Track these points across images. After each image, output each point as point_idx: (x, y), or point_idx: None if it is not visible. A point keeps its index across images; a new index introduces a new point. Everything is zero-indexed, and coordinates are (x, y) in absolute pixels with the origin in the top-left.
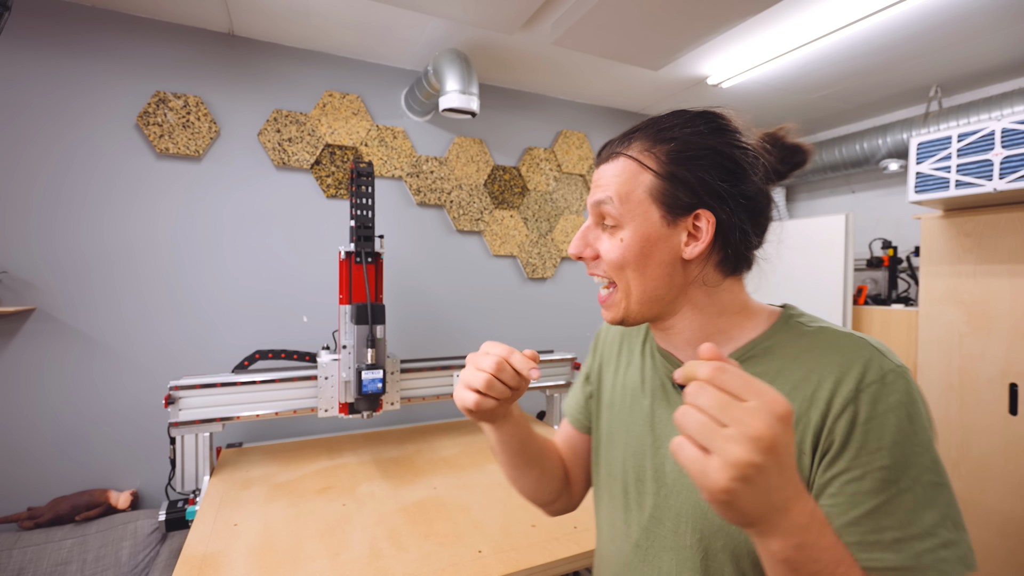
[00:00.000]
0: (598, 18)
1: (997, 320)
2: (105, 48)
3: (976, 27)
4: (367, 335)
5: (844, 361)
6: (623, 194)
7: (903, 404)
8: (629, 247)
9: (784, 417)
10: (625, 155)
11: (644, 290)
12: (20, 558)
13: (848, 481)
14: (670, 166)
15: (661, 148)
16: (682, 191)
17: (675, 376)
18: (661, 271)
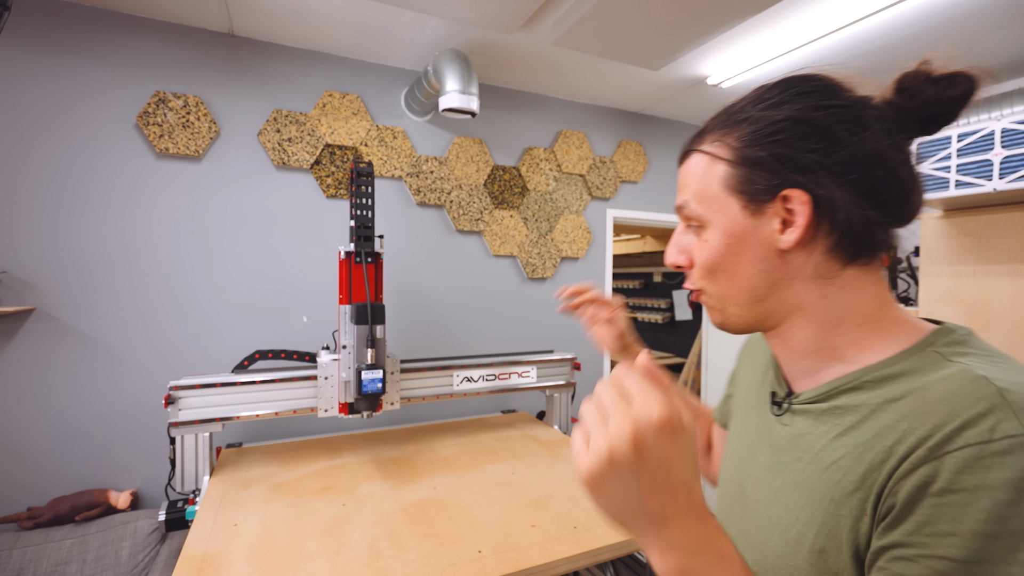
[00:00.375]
0: (598, 18)
1: (997, 320)
2: (105, 48)
3: (976, 27)
4: (367, 335)
5: (949, 411)
6: (699, 192)
7: (1010, 485)
8: (714, 247)
9: (660, 426)
10: (696, 151)
11: (739, 291)
12: (20, 558)
13: (897, 558)
14: (742, 150)
15: (732, 134)
16: (759, 173)
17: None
18: (754, 268)
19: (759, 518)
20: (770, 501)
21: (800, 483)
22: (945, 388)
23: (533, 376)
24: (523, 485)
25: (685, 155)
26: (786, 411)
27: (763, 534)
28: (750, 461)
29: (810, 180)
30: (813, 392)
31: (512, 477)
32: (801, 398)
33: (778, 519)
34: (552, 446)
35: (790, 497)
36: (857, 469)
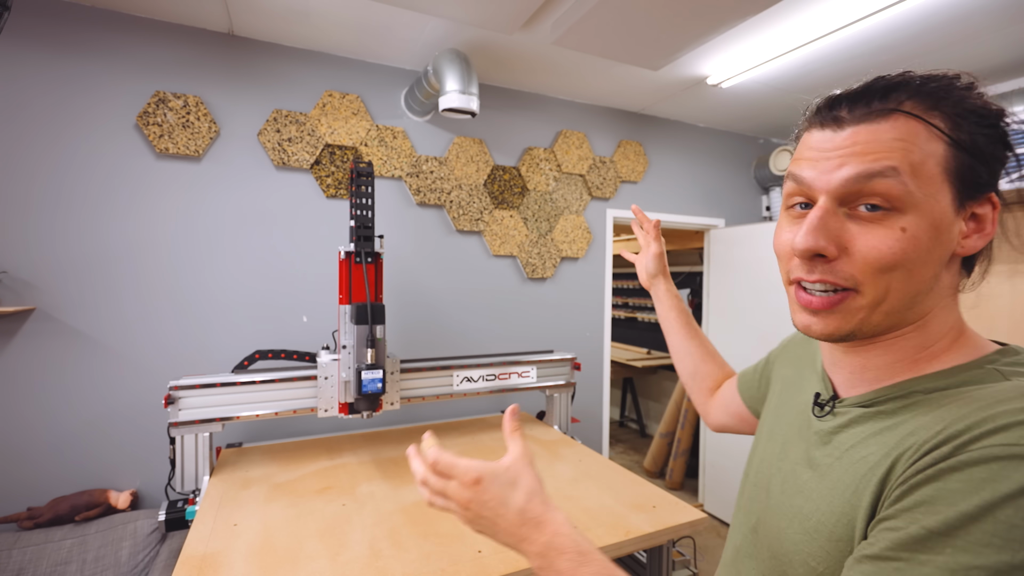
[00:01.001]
0: (598, 18)
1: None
2: (105, 48)
3: (976, 27)
4: (367, 335)
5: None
6: (915, 165)
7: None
8: (916, 239)
9: (471, 483)
10: (906, 113)
11: (905, 296)
12: (20, 558)
13: (886, 529)
14: (961, 133)
15: (943, 109)
16: (982, 166)
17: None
18: (931, 272)
19: (781, 508)
20: (794, 493)
21: (826, 476)
22: (990, 396)
23: (533, 376)
24: None
25: (880, 113)
26: (827, 413)
27: (782, 523)
28: (780, 456)
29: (998, 189)
30: (860, 397)
31: None
32: (847, 402)
33: (799, 509)
34: (552, 446)
35: (815, 489)
36: (884, 464)
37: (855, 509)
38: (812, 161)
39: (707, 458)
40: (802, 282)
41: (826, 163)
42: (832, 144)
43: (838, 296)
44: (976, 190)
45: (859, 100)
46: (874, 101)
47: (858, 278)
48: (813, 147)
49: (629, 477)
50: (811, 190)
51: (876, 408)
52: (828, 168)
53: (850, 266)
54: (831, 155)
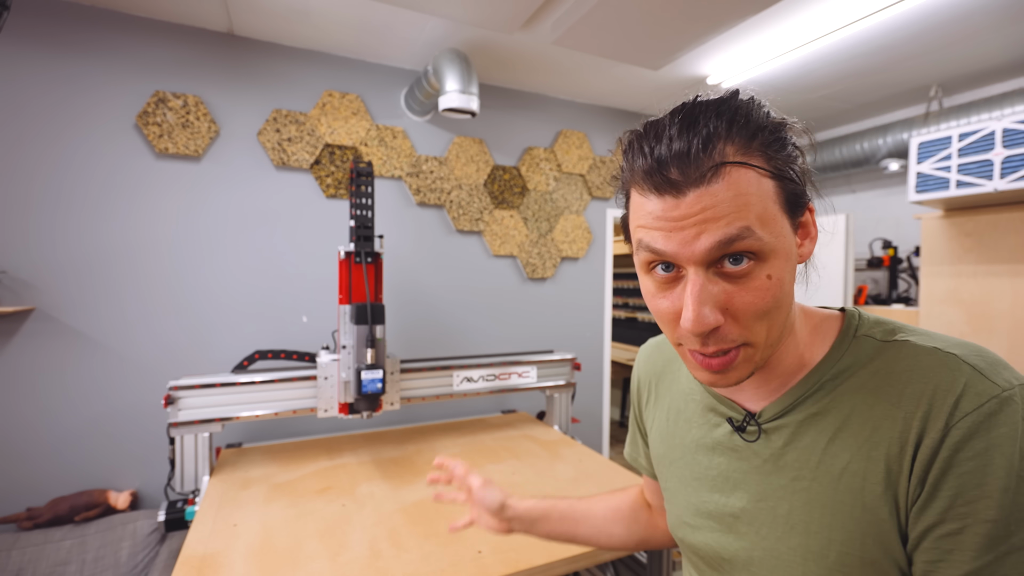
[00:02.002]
0: (598, 18)
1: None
2: (105, 48)
3: (976, 27)
4: (367, 335)
5: (931, 390)
6: (761, 215)
7: (1010, 438)
8: (779, 281)
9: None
10: (736, 164)
11: (781, 325)
12: (19, 559)
13: (943, 536)
14: (775, 162)
15: (757, 143)
16: (795, 185)
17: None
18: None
19: (779, 554)
20: (784, 533)
21: (814, 502)
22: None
23: (533, 376)
24: (523, 485)
25: (711, 173)
26: (756, 434)
27: (795, 569)
28: (725, 501)
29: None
30: (777, 406)
31: (512, 477)
32: (766, 415)
33: (807, 548)
34: (552, 446)
35: (809, 521)
36: (875, 469)
37: (878, 524)
38: (665, 233)
39: None
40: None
41: (681, 233)
42: (679, 213)
43: (733, 353)
44: (800, 208)
45: (686, 159)
46: (700, 157)
47: (745, 335)
48: (660, 216)
49: (629, 477)
50: (675, 260)
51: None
52: (687, 239)
53: (736, 328)
54: (683, 224)
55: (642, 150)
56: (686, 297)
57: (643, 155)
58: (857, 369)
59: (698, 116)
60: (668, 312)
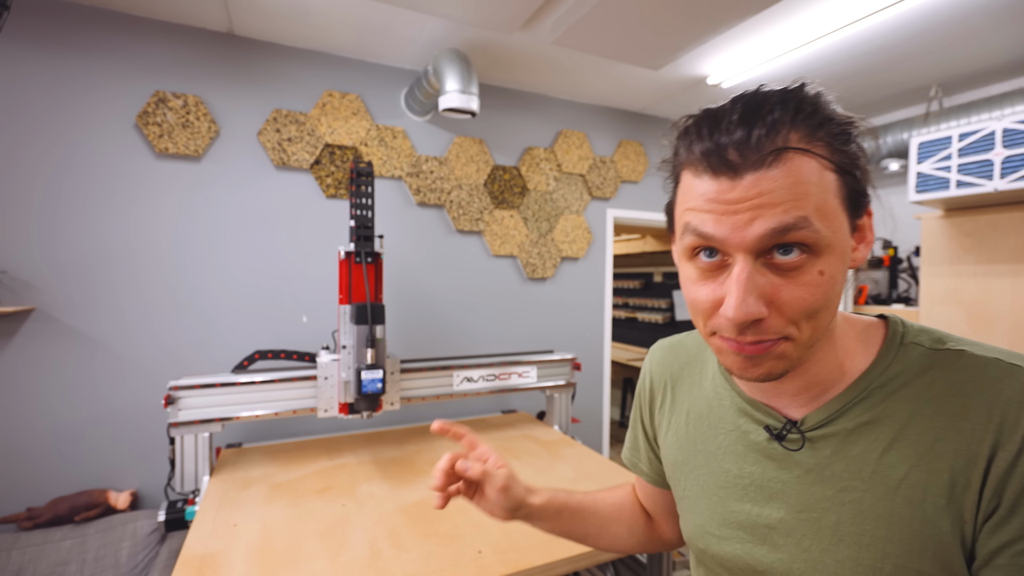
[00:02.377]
0: (598, 18)
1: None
2: (105, 48)
3: (976, 27)
4: (367, 335)
5: (1003, 402)
6: (820, 207)
7: None
8: (832, 280)
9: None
10: (799, 150)
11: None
12: (19, 559)
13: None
14: (840, 156)
15: (822, 134)
16: (860, 186)
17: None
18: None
19: (824, 567)
20: (831, 545)
21: (866, 513)
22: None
23: (533, 376)
24: None
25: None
26: (800, 443)
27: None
28: (760, 511)
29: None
30: (822, 413)
31: None
32: (809, 423)
33: (857, 560)
34: (552, 446)
35: (861, 533)
36: (938, 481)
37: (937, 538)
38: (716, 216)
39: None
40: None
41: (734, 218)
42: (734, 196)
43: (770, 343)
44: (861, 208)
45: (746, 142)
46: (762, 141)
47: (788, 330)
48: (713, 199)
49: (629, 477)
50: (723, 246)
51: (853, 421)
52: (739, 224)
53: (779, 322)
54: (737, 208)
55: (700, 132)
56: (730, 284)
57: (701, 136)
58: (910, 378)
59: (762, 102)
60: (706, 301)
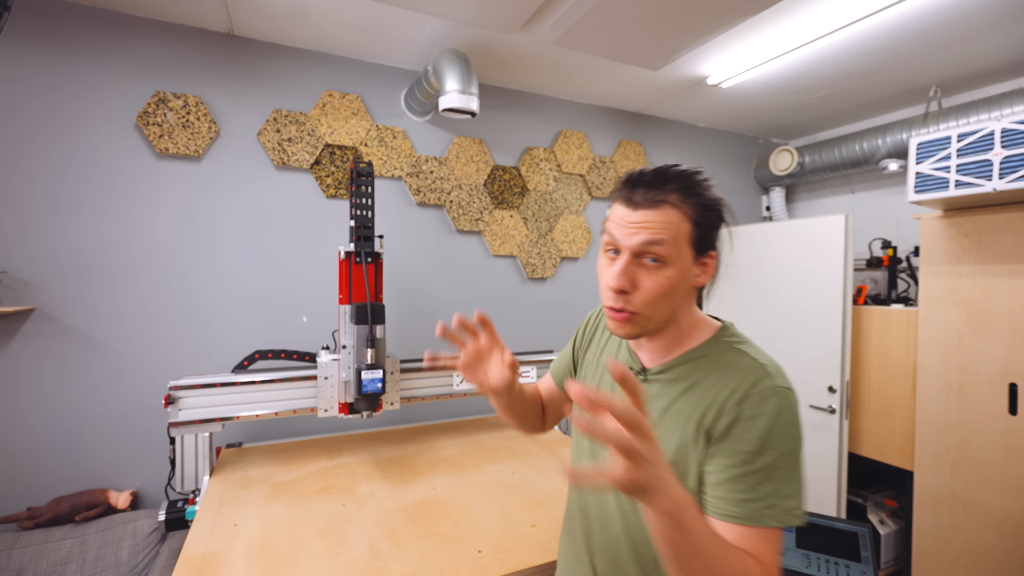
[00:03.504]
0: (598, 18)
1: (997, 320)
2: (105, 48)
3: (976, 27)
4: (367, 335)
5: (741, 378)
6: (675, 238)
7: (772, 413)
8: (670, 281)
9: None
10: (670, 204)
11: (667, 312)
12: (20, 558)
13: (723, 458)
14: (698, 217)
15: (692, 201)
16: (706, 237)
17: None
18: (680, 298)
19: None
20: None
21: (663, 428)
22: (735, 366)
23: (533, 376)
24: (523, 485)
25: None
26: (644, 380)
27: None
28: None
29: (717, 246)
30: (660, 368)
31: (512, 477)
32: (654, 371)
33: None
34: (552, 446)
35: (660, 438)
36: (695, 418)
37: (690, 445)
38: (620, 227)
39: None
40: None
41: (627, 230)
42: (631, 219)
43: (627, 315)
44: (705, 250)
45: (648, 190)
46: (654, 192)
47: (639, 308)
48: (620, 217)
49: None
50: (618, 245)
51: (671, 374)
52: (629, 234)
53: (636, 299)
54: (630, 225)
55: (628, 181)
56: (615, 267)
57: (628, 185)
58: (709, 358)
59: (666, 174)
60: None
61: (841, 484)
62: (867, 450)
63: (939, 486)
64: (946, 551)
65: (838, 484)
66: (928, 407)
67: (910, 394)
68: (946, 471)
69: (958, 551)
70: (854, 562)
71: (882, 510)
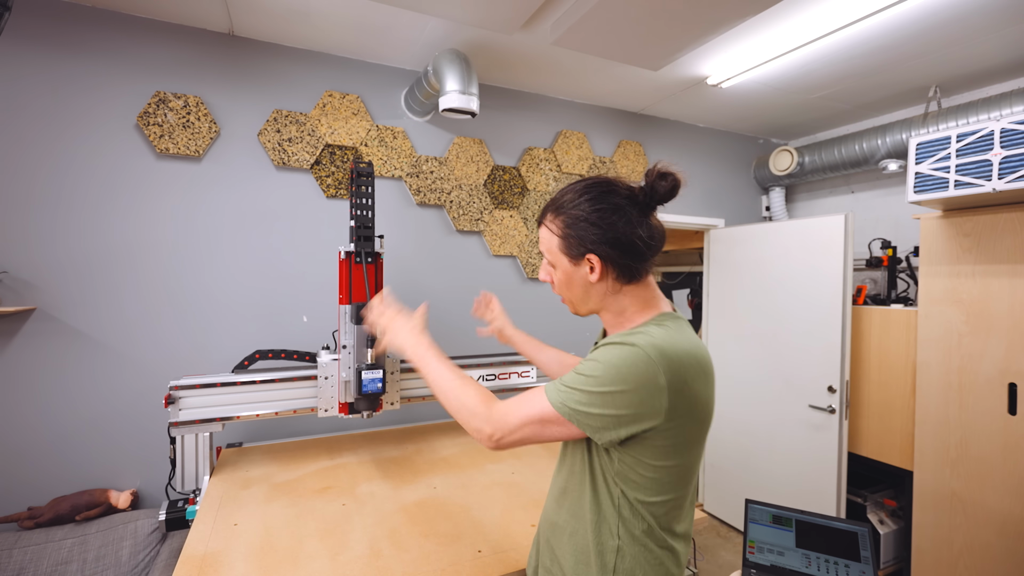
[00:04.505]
0: (598, 18)
1: (996, 320)
2: (105, 48)
3: (975, 27)
4: (367, 335)
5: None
6: (549, 249)
7: (606, 349)
8: (560, 279)
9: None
10: (544, 224)
11: (577, 299)
12: (20, 558)
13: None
14: (565, 230)
15: (560, 219)
16: (574, 244)
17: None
18: (581, 290)
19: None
20: None
21: None
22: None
23: (533, 376)
24: (523, 485)
25: (539, 224)
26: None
27: None
28: None
29: (596, 248)
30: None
31: (512, 477)
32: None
33: None
34: (552, 446)
35: None
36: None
37: None
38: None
39: (706, 458)
40: None
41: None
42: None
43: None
44: (579, 254)
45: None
46: (539, 218)
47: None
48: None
49: None
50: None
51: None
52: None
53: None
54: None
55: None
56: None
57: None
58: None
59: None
60: None
61: (841, 484)
62: (867, 450)
63: (939, 486)
64: (946, 551)
65: (838, 484)
66: (928, 407)
67: (910, 394)
68: (946, 471)
69: (958, 551)
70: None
71: (882, 510)
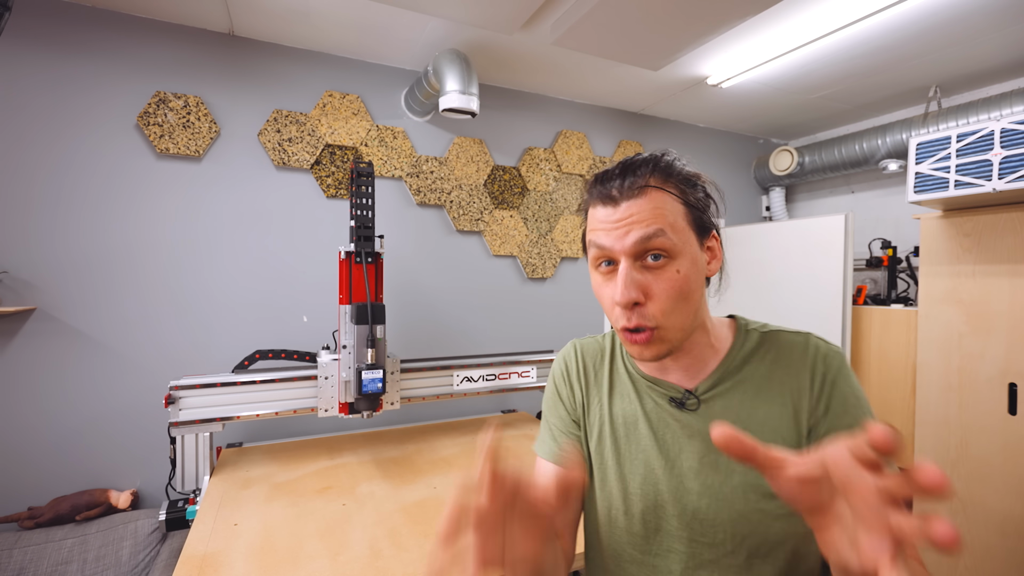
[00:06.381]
0: (598, 18)
1: (996, 320)
2: (105, 48)
3: (976, 27)
4: (367, 335)
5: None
6: (672, 223)
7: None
8: (687, 277)
9: None
10: (655, 187)
11: (690, 316)
12: (20, 558)
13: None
14: (687, 194)
15: (673, 180)
16: (703, 215)
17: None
18: (699, 294)
19: (724, 496)
20: (727, 477)
21: None
22: (793, 345)
23: (533, 376)
24: None
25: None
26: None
27: (738, 504)
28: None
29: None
30: (708, 382)
31: None
32: (703, 388)
33: (745, 483)
34: None
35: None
36: (785, 410)
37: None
38: (605, 231)
39: None
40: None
41: (617, 230)
42: (616, 217)
43: (648, 333)
44: (706, 231)
45: (622, 184)
46: (631, 179)
47: (658, 318)
48: (602, 220)
49: None
50: (612, 253)
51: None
52: (619, 236)
53: (653, 308)
54: (618, 225)
55: (597, 182)
56: (617, 280)
57: (597, 184)
58: (755, 350)
59: (634, 161)
60: (609, 299)
61: None
62: None
63: None
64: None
65: None
66: (928, 407)
67: (910, 394)
68: (946, 471)
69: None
70: None
71: None
